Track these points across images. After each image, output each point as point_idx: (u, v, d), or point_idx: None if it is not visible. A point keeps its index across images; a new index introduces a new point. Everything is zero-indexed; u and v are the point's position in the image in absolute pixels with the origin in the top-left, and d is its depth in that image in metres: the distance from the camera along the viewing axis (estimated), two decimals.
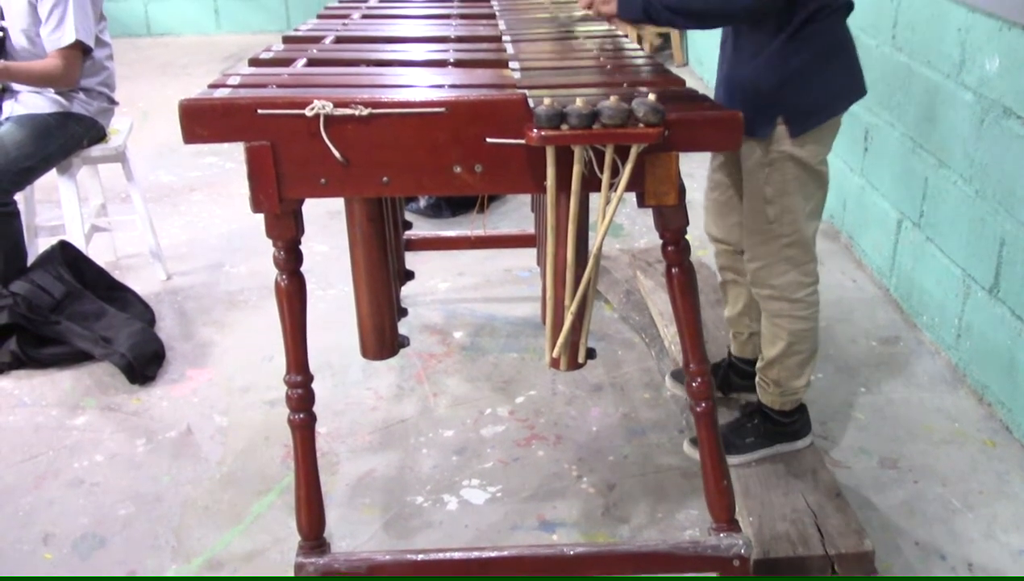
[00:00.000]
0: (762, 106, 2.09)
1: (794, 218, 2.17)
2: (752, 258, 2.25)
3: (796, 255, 2.21)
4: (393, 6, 2.76)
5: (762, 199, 2.16)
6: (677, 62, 6.25)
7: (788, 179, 2.13)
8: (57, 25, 3.01)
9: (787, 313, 2.26)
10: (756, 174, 2.15)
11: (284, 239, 1.83)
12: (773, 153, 2.12)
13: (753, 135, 2.09)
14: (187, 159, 4.72)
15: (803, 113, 2.10)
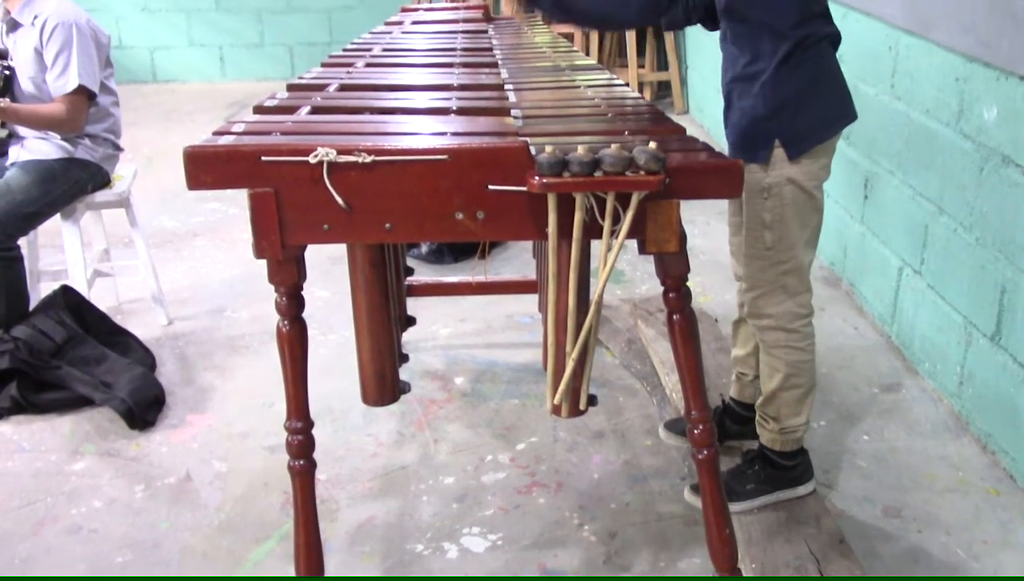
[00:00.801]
0: (760, 131, 2.14)
1: (792, 244, 2.19)
2: (751, 287, 2.27)
3: (793, 284, 2.23)
4: (397, 55, 2.79)
5: (761, 224, 2.19)
6: (677, 110, 6.30)
7: (787, 204, 2.16)
8: (62, 71, 3.05)
9: (784, 343, 2.27)
10: (755, 200, 2.18)
11: (286, 285, 1.83)
12: (772, 177, 2.15)
13: (754, 160, 2.14)
14: (190, 204, 4.75)
15: (799, 135, 2.15)
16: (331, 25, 7.32)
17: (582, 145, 1.65)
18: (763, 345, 2.32)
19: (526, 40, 3.16)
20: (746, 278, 2.28)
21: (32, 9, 3.08)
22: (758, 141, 2.15)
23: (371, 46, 2.90)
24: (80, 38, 3.06)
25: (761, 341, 2.32)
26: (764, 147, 2.14)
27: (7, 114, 3.00)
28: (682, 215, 1.73)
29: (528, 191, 1.67)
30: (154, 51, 7.31)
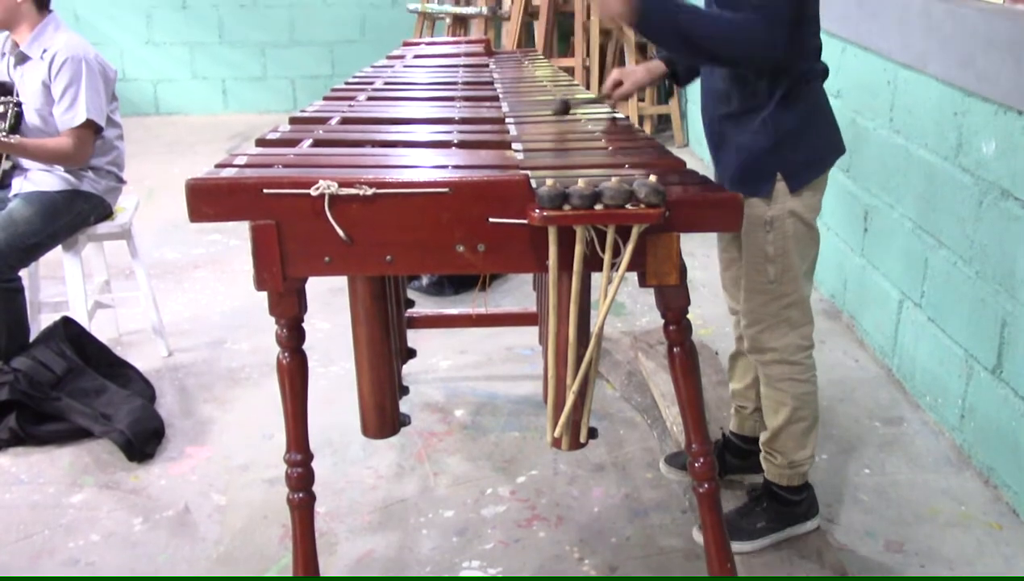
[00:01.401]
0: (762, 165, 2.15)
1: (794, 276, 2.20)
2: (753, 322, 2.26)
3: (796, 316, 2.23)
4: (398, 88, 2.81)
5: (764, 258, 2.19)
6: (677, 143, 6.34)
7: (788, 237, 2.17)
8: (70, 105, 3.06)
9: (788, 376, 2.26)
10: (758, 234, 2.18)
11: (287, 317, 1.83)
12: (774, 210, 2.16)
13: (756, 194, 2.15)
14: (191, 236, 4.76)
15: (800, 168, 2.16)
16: (333, 58, 7.37)
17: (582, 178, 1.66)
18: (766, 379, 2.31)
19: (527, 74, 3.18)
20: (747, 313, 2.28)
21: (41, 43, 3.11)
22: (760, 175, 2.16)
23: (373, 79, 2.91)
24: (89, 73, 3.09)
25: (764, 375, 2.31)
26: (766, 181, 2.15)
27: (15, 149, 3.01)
28: (682, 248, 1.74)
29: (529, 224, 1.67)
30: (157, 84, 7.36)
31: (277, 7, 7.23)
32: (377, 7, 7.25)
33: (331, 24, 7.28)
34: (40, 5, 3.13)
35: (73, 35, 3.17)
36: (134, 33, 7.20)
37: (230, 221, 1.71)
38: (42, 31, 3.12)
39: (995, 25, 2.56)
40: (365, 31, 7.31)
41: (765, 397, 2.34)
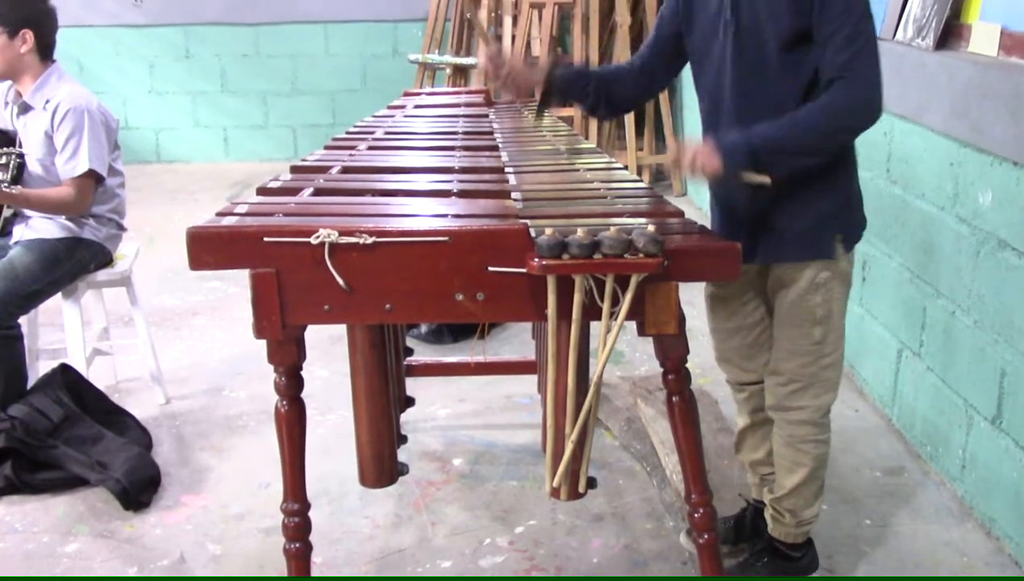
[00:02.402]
0: (826, 228, 2.11)
1: (838, 337, 2.18)
2: (788, 382, 2.21)
3: (833, 377, 2.21)
4: (399, 138, 2.83)
5: (812, 321, 2.14)
6: (676, 192, 6.37)
7: (835, 297, 2.15)
8: (72, 155, 3.08)
9: (813, 437, 2.23)
10: (808, 297, 2.13)
11: (286, 365, 1.83)
12: (828, 271, 2.12)
13: (817, 257, 2.11)
14: (191, 283, 4.76)
15: (855, 226, 2.16)
16: (334, 107, 7.43)
17: (581, 228, 1.67)
18: (787, 439, 2.26)
19: (526, 124, 3.21)
20: (783, 373, 2.21)
21: (44, 93, 3.14)
22: (823, 238, 2.11)
23: (374, 129, 2.94)
24: (91, 123, 3.11)
25: (786, 435, 2.26)
26: (828, 243, 2.11)
27: (16, 200, 3.03)
28: (681, 296, 1.74)
29: (528, 273, 1.68)
30: (159, 132, 7.42)
31: (279, 57, 7.31)
32: (378, 57, 7.33)
33: (332, 74, 7.36)
34: (43, 56, 3.16)
35: (76, 85, 3.20)
36: (137, 82, 7.27)
37: (230, 269, 1.72)
38: (45, 81, 3.15)
39: (989, 77, 2.59)
40: (366, 80, 7.38)
41: (781, 456, 2.29)
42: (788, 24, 1.95)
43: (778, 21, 1.96)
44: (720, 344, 2.41)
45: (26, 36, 3.09)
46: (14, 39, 3.08)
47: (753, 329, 2.32)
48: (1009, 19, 2.67)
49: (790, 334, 2.18)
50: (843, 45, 1.90)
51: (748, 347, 2.35)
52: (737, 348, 2.37)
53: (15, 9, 3.09)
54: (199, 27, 7.20)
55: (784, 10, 1.95)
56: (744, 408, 2.45)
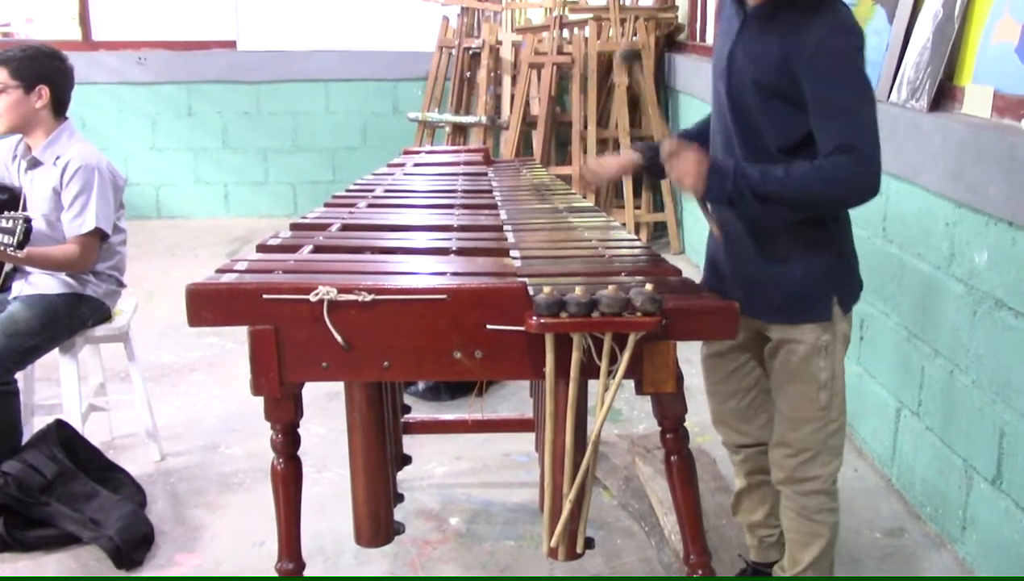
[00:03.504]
0: (821, 289, 2.09)
1: (842, 400, 2.16)
2: (798, 452, 2.17)
3: (839, 443, 2.18)
4: (398, 196, 2.86)
5: (817, 386, 2.12)
6: (673, 250, 6.40)
7: (837, 360, 2.13)
8: (79, 212, 3.10)
9: (827, 506, 2.19)
10: (812, 360, 2.11)
11: (283, 422, 1.83)
12: (829, 334, 2.10)
13: (813, 320, 2.09)
14: (189, 339, 4.76)
15: (851, 287, 2.16)
16: (334, 164, 7.49)
17: (579, 286, 1.68)
18: (801, 511, 2.21)
19: (525, 182, 3.23)
20: (792, 443, 2.18)
21: (54, 150, 3.16)
22: (818, 300, 2.09)
23: (374, 187, 2.96)
24: (100, 182, 3.12)
25: (799, 507, 2.21)
26: (824, 305, 2.09)
27: (21, 262, 3.03)
28: (679, 355, 1.75)
29: (526, 331, 1.68)
30: (160, 188, 7.46)
31: (280, 114, 7.39)
32: (378, 115, 7.40)
33: (333, 131, 7.42)
34: (57, 112, 3.19)
35: (87, 144, 3.23)
36: (139, 139, 7.33)
37: (229, 326, 1.72)
38: (57, 138, 3.18)
39: (983, 139, 2.62)
40: (366, 138, 7.45)
41: (795, 531, 2.23)
42: (767, 78, 1.98)
43: (760, 73, 1.99)
44: (716, 406, 2.40)
45: (42, 92, 3.13)
46: (30, 94, 3.11)
47: (749, 392, 2.32)
48: (1001, 82, 2.71)
49: (795, 401, 2.15)
50: (844, 117, 1.89)
51: (744, 410, 2.34)
52: (733, 410, 2.36)
53: (33, 65, 3.12)
54: (202, 85, 7.28)
55: (771, 65, 1.97)
56: (741, 470, 2.43)
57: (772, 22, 2.00)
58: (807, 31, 1.93)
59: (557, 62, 6.45)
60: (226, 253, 6.35)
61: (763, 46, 2.00)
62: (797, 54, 1.92)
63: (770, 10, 2.01)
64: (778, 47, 1.96)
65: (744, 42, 2.05)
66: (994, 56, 2.77)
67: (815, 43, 1.91)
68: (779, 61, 1.95)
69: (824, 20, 1.94)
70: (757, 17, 2.04)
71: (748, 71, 2.02)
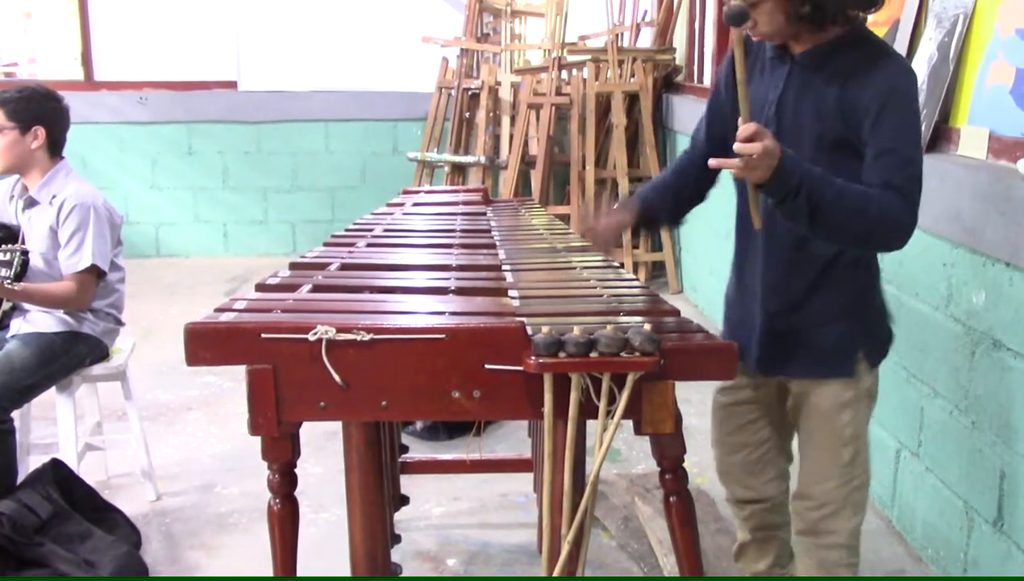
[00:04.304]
0: (847, 346, 2.05)
1: (865, 458, 2.12)
2: (820, 505, 2.13)
3: (862, 498, 2.14)
4: (397, 235, 2.86)
5: (840, 442, 2.08)
6: (672, 290, 6.41)
7: (862, 416, 2.09)
8: (76, 250, 3.11)
9: (845, 561, 2.15)
10: (835, 416, 2.07)
11: (280, 462, 1.82)
12: (854, 390, 2.06)
13: (837, 376, 2.05)
14: (186, 377, 4.75)
15: (880, 341, 2.12)
16: (333, 203, 7.52)
17: (578, 326, 1.68)
18: (820, 564, 2.17)
19: (523, 222, 3.24)
20: (813, 496, 2.14)
21: (51, 189, 3.18)
22: (844, 356, 2.06)
23: (373, 226, 2.97)
24: (96, 220, 3.14)
25: (819, 560, 2.17)
26: (849, 361, 2.06)
27: (18, 296, 3.03)
28: (678, 395, 1.74)
29: (524, 371, 1.68)
30: (159, 227, 7.48)
31: (280, 154, 7.43)
32: (378, 155, 7.44)
33: (332, 171, 7.46)
34: (53, 152, 3.21)
35: (83, 183, 3.24)
36: (139, 178, 7.37)
37: (228, 365, 1.72)
38: (53, 177, 3.19)
39: (979, 179, 2.63)
40: (365, 178, 7.48)
41: None
42: (831, 129, 1.94)
43: (822, 125, 1.95)
44: (723, 457, 2.36)
45: (38, 132, 3.15)
46: (26, 135, 3.13)
47: (759, 447, 2.27)
48: (996, 123, 2.73)
49: (819, 456, 2.12)
50: (898, 165, 1.87)
51: (752, 464, 2.29)
52: (741, 464, 2.31)
53: (29, 106, 3.15)
54: (202, 124, 7.32)
55: (831, 115, 1.93)
56: (745, 525, 2.38)
57: (824, 69, 1.95)
58: (872, 76, 1.88)
59: (555, 103, 6.50)
60: (224, 291, 6.35)
61: (819, 95, 1.95)
62: (863, 102, 1.88)
63: (821, 58, 1.96)
64: (837, 96, 1.92)
65: (795, 92, 1.99)
66: (989, 98, 2.79)
67: (887, 89, 1.87)
68: (840, 110, 1.91)
69: (887, 64, 1.91)
70: (805, 65, 1.98)
71: (807, 123, 1.97)
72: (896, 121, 1.88)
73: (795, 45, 1.99)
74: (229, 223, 7.54)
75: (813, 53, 1.97)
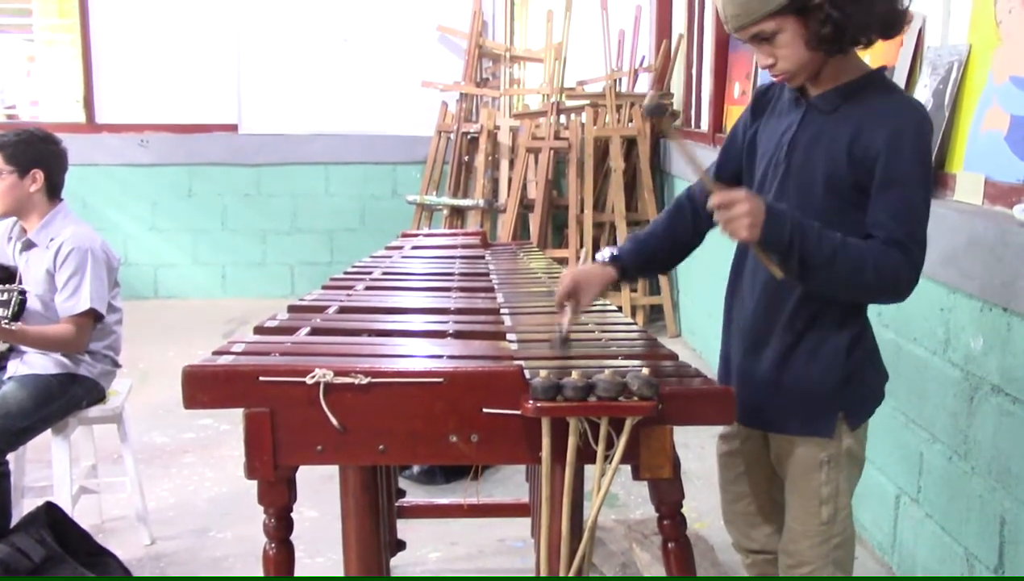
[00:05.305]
0: (825, 404, 2.02)
1: (847, 516, 2.08)
2: (799, 564, 2.09)
3: (844, 558, 2.09)
4: (396, 278, 2.87)
5: (818, 501, 2.05)
6: (670, 333, 6.41)
7: (843, 476, 2.05)
8: (72, 293, 3.11)
9: None
10: (812, 475, 2.04)
11: (276, 506, 1.81)
12: (832, 450, 2.03)
13: (817, 434, 2.02)
14: (182, 420, 4.72)
15: (863, 402, 2.07)
16: (332, 246, 7.53)
17: (576, 370, 1.67)
18: None
19: (522, 265, 3.25)
20: (792, 554, 2.11)
21: (49, 232, 3.18)
22: (821, 414, 2.02)
23: (372, 269, 2.98)
24: (94, 263, 3.14)
25: None
26: (827, 420, 2.02)
27: (15, 337, 3.03)
28: (676, 439, 1.73)
29: (522, 415, 1.67)
30: (158, 268, 7.49)
31: (280, 196, 7.46)
32: (377, 198, 7.47)
33: (331, 213, 7.48)
34: (51, 195, 3.22)
35: (81, 225, 3.25)
36: (139, 220, 7.39)
37: (225, 408, 1.71)
38: (51, 220, 3.20)
39: (975, 224, 2.65)
40: (365, 220, 7.51)
41: None
42: (842, 173, 1.92)
43: (833, 168, 1.93)
44: (726, 505, 2.33)
45: (36, 176, 3.16)
46: (24, 178, 3.15)
47: (758, 497, 2.25)
48: (992, 169, 2.75)
49: (797, 514, 2.09)
50: (902, 215, 1.85)
51: (752, 515, 2.26)
52: (742, 513, 2.28)
53: (27, 149, 3.16)
54: (203, 167, 7.36)
55: (842, 159, 1.91)
56: (750, 572, 2.34)
57: (838, 112, 1.94)
58: (884, 119, 1.87)
59: (554, 147, 6.55)
60: (222, 333, 6.34)
61: (831, 138, 1.93)
62: (875, 144, 1.86)
63: (835, 100, 1.95)
64: (848, 139, 1.90)
65: (807, 134, 1.98)
66: (984, 144, 2.81)
67: (896, 130, 1.85)
68: (851, 154, 1.89)
69: (899, 107, 1.89)
70: (820, 108, 1.97)
71: (818, 166, 1.95)
72: (903, 162, 1.86)
73: (812, 88, 1.99)
74: (228, 265, 7.55)
75: (828, 96, 1.96)
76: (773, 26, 1.87)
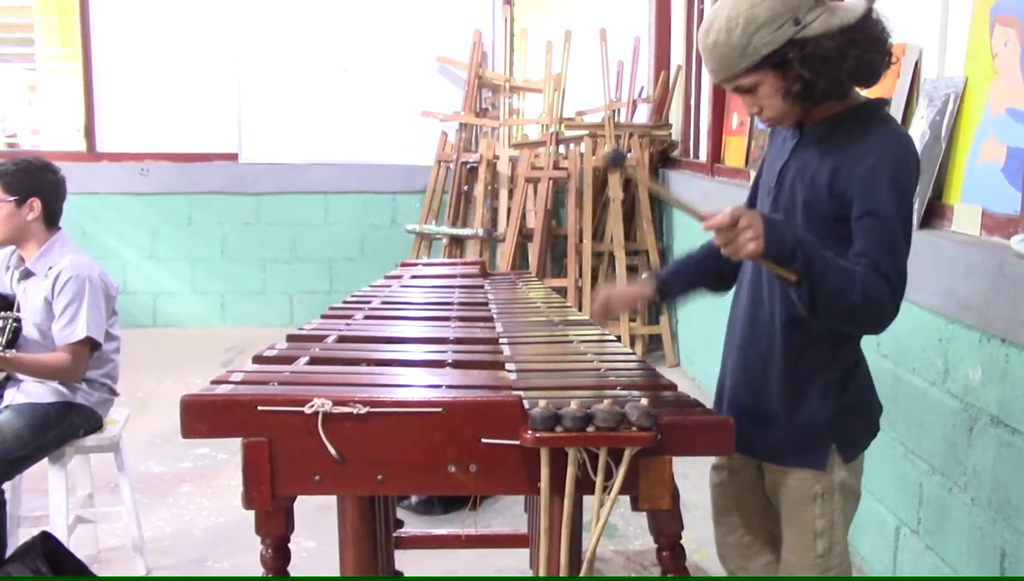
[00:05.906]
0: (818, 437, 2.02)
1: (842, 549, 2.08)
2: None
3: None
4: (395, 308, 2.87)
5: (812, 534, 2.05)
6: (669, 363, 6.40)
7: (837, 508, 2.05)
8: (70, 322, 3.11)
9: None
10: (807, 508, 2.04)
11: (273, 536, 1.80)
12: (826, 482, 2.03)
13: (810, 466, 2.02)
14: (179, 449, 4.71)
15: (857, 436, 2.07)
16: (331, 275, 7.54)
17: (575, 400, 1.67)
18: None
19: (521, 295, 3.25)
20: None
21: (47, 260, 3.19)
22: (814, 447, 2.02)
23: (371, 298, 2.98)
24: (91, 291, 3.15)
25: None
26: (820, 453, 2.01)
27: (11, 364, 3.03)
28: (675, 470, 1.73)
29: (521, 445, 1.67)
30: (157, 297, 7.49)
31: (279, 225, 7.47)
32: (376, 227, 7.49)
33: (331, 242, 7.50)
34: (49, 223, 3.23)
35: (79, 254, 3.25)
36: (138, 248, 7.40)
37: (223, 437, 1.71)
38: (49, 249, 3.21)
39: (972, 256, 2.65)
40: (364, 250, 7.52)
41: None
42: (821, 204, 1.94)
43: (814, 198, 1.95)
44: (720, 538, 2.33)
45: (34, 204, 3.17)
46: (22, 207, 3.16)
47: (751, 528, 2.25)
48: (988, 200, 2.76)
49: (792, 546, 2.09)
50: (887, 249, 1.85)
51: (745, 547, 2.26)
52: (735, 545, 2.28)
53: (25, 178, 3.17)
54: (202, 195, 7.38)
55: (823, 189, 1.93)
56: None
57: (825, 143, 1.97)
58: (866, 147, 1.89)
59: (553, 177, 6.57)
60: (221, 362, 6.34)
61: (815, 169, 1.95)
62: (856, 172, 1.87)
63: (825, 131, 1.98)
64: (831, 170, 1.92)
65: (797, 161, 2.01)
66: (981, 176, 2.83)
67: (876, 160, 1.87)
68: (832, 185, 1.91)
69: (882, 136, 1.90)
70: (812, 139, 2.00)
71: (799, 196, 1.98)
72: (881, 196, 1.86)
73: (808, 120, 2.02)
74: (227, 294, 7.55)
75: (819, 127, 1.99)
76: (752, 80, 1.92)
